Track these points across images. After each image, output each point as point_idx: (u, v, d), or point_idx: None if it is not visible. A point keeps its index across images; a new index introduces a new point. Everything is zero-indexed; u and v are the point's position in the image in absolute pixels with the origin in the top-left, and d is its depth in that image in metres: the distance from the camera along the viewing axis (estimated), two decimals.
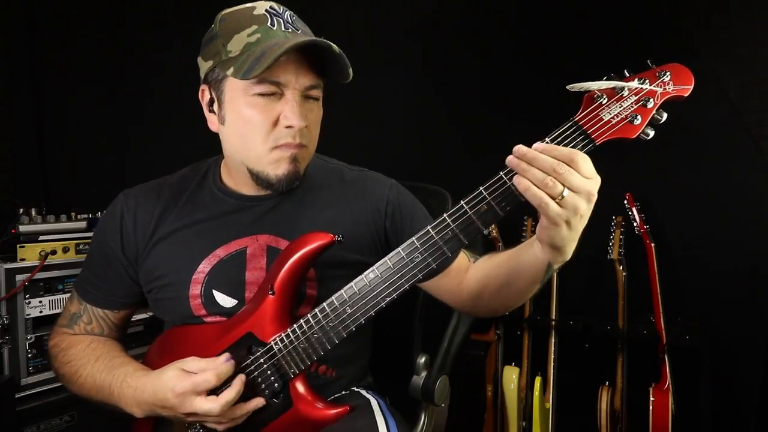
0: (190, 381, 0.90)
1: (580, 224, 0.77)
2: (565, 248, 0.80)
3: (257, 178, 1.01)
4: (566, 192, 0.73)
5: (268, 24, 0.94)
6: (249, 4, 0.98)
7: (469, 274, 1.07)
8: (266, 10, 0.95)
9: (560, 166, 0.73)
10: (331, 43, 0.91)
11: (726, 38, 1.94)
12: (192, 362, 0.94)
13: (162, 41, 2.31)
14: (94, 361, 1.05)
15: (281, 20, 0.95)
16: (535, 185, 0.74)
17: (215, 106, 1.01)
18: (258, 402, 0.95)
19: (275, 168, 0.99)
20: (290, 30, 0.95)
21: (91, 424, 1.65)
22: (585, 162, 0.75)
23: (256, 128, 0.96)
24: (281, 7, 0.98)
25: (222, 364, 0.92)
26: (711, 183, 2.00)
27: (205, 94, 1.03)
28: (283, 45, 0.88)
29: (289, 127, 0.95)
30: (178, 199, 1.10)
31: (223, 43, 0.94)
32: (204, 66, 1.00)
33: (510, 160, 0.76)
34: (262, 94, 0.94)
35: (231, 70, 0.92)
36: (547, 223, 0.77)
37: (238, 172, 1.06)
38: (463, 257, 1.11)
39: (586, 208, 0.75)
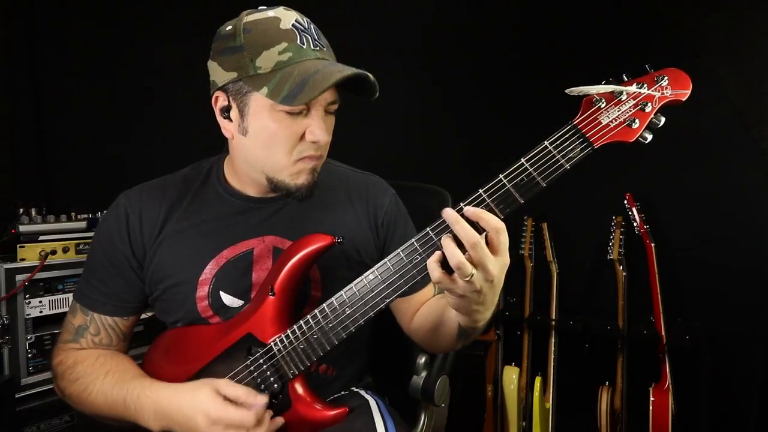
0: (228, 414, 0.89)
1: (483, 299, 0.81)
2: (473, 315, 0.84)
3: (276, 186, 1.00)
4: (474, 272, 0.76)
5: (298, 42, 0.92)
6: (272, 13, 0.95)
7: (419, 311, 1.13)
8: (293, 26, 0.93)
9: (479, 244, 0.75)
10: (368, 74, 0.93)
11: (726, 38, 1.94)
12: (228, 387, 0.93)
13: (162, 41, 2.31)
14: (103, 376, 1.02)
15: (309, 37, 0.94)
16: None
17: (234, 115, 0.98)
18: (277, 423, 0.95)
19: (295, 178, 0.99)
20: (318, 48, 0.95)
21: (91, 424, 1.64)
22: (505, 236, 0.77)
23: (282, 142, 0.96)
24: (305, 20, 0.97)
25: (262, 406, 0.91)
26: (711, 183, 2.00)
27: (219, 101, 1.00)
28: (327, 75, 0.88)
29: (314, 142, 0.96)
30: (183, 198, 1.09)
31: (251, 57, 0.92)
32: (222, 74, 0.96)
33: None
34: (290, 112, 0.94)
35: (264, 90, 0.90)
36: (447, 294, 0.82)
37: (247, 175, 1.06)
38: (430, 291, 1.15)
39: (486, 286, 0.78)
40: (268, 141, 0.96)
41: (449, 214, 0.78)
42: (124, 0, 2.34)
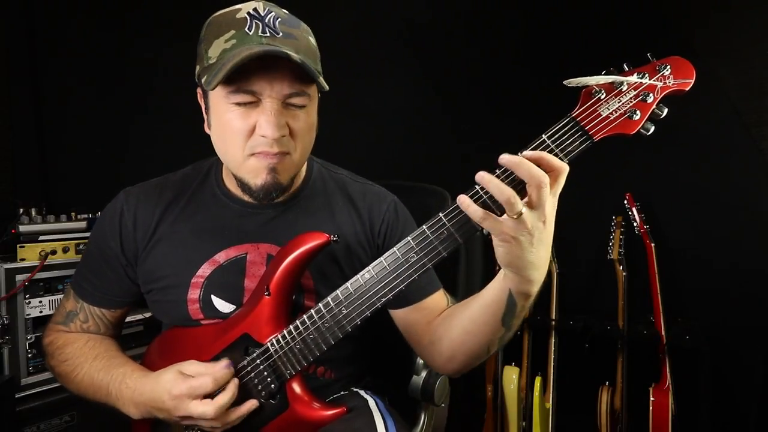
0: (187, 384, 0.90)
1: (537, 245, 0.74)
2: (526, 271, 0.77)
3: (241, 185, 1.00)
4: (524, 209, 0.71)
5: (245, 29, 0.90)
6: (238, 6, 0.94)
7: (440, 316, 1.04)
8: (248, 13, 0.91)
9: (547, 185, 0.71)
10: (289, 52, 0.86)
11: (726, 38, 1.94)
12: (190, 366, 0.94)
13: (162, 41, 2.31)
14: (92, 360, 1.05)
15: (260, 24, 0.90)
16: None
17: (203, 110, 1.01)
18: (252, 404, 0.95)
19: (254, 177, 0.96)
20: (267, 34, 0.90)
21: (91, 424, 1.66)
22: (564, 178, 0.74)
23: (234, 135, 0.93)
24: (266, 9, 0.93)
25: (220, 369, 0.92)
26: (711, 183, 2.00)
27: (200, 97, 1.02)
28: (238, 55, 0.85)
29: (262, 136, 0.92)
30: (180, 198, 1.09)
31: (206, 48, 0.92)
32: (196, 71, 0.98)
33: (480, 175, 0.73)
34: (239, 103, 0.92)
35: (205, 78, 0.91)
36: (496, 241, 0.76)
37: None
38: (442, 298, 1.09)
39: (536, 225, 0.73)
40: (223, 134, 0.96)
41: (507, 159, 0.72)
42: (125, 0, 2.34)
